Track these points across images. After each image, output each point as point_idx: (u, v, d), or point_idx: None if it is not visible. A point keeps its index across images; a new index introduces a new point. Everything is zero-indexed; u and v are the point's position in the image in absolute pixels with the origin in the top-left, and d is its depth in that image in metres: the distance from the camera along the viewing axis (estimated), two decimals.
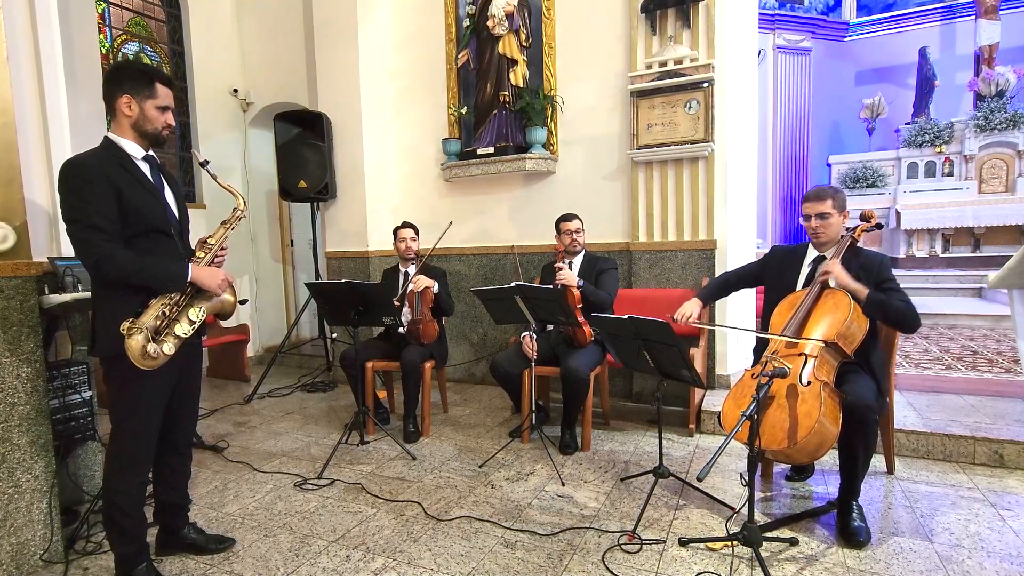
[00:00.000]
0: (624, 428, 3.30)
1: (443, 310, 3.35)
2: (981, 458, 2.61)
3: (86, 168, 1.65)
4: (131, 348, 1.63)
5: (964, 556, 1.88)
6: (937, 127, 8.58)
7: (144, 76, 1.74)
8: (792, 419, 1.92)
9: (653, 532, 2.10)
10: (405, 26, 4.37)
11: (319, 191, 4.31)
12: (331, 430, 3.37)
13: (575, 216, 3.21)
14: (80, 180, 1.63)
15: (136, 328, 1.64)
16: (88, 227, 1.61)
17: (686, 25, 3.34)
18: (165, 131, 1.79)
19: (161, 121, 1.76)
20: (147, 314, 1.67)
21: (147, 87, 1.73)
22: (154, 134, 1.76)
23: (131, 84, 1.72)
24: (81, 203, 1.62)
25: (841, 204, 2.24)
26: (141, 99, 1.72)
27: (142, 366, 1.65)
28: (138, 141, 1.76)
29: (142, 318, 1.67)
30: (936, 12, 9.66)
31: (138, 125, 1.73)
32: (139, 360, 1.64)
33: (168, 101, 1.78)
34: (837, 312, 2.07)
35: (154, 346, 1.65)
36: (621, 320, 2.19)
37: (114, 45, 4.60)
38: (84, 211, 1.62)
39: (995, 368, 3.92)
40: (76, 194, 1.62)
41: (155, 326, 1.67)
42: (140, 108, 1.72)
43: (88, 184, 1.63)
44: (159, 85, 1.75)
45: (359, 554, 2.00)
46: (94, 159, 1.68)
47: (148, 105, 1.73)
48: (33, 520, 1.91)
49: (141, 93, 1.72)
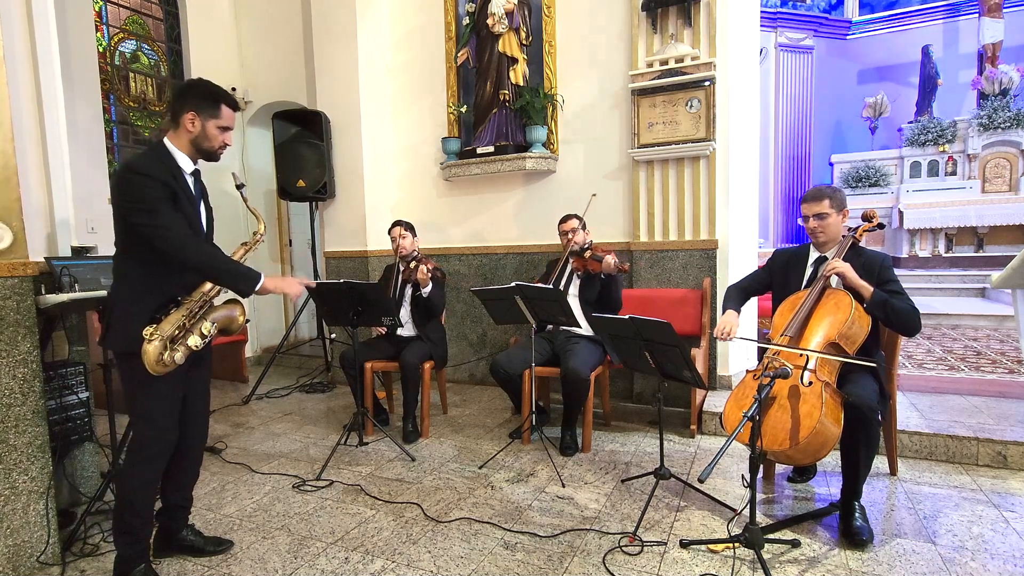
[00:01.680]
0: (625, 429, 3.28)
1: (432, 309, 3.30)
2: (984, 459, 2.59)
3: (143, 171, 1.72)
4: (148, 353, 1.70)
5: (967, 558, 1.87)
6: (940, 126, 8.56)
7: (211, 96, 1.82)
8: (794, 420, 1.91)
9: (654, 534, 2.09)
10: (404, 24, 4.35)
11: (317, 190, 4.30)
12: (330, 431, 3.36)
13: (572, 215, 3.21)
14: (138, 182, 1.70)
15: (157, 336, 1.71)
16: (160, 216, 1.70)
17: (687, 23, 3.32)
18: (220, 150, 1.88)
19: (219, 140, 1.85)
20: (167, 322, 1.74)
21: (212, 107, 1.81)
22: (210, 151, 1.86)
23: (198, 102, 1.80)
24: (143, 200, 1.70)
25: (839, 203, 2.22)
26: (205, 117, 1.81)
27: (153, 372, 1.72)
28: (192, 155, 1.85)
29: (162, 327, 1.73)
30: (939, 10, 9.63)
31: (197, 141, 1.82)
32: (153, 366, 1.71)
33: (230, 123, 1.87)
34: (838, 312, 2.06)
35: (169, 354, 1.73)
36: (622, 320, 2.18)
37: (111, 43, 4.59)
38: (153, 206, 1.70)
39: (999, 369, 3.90)
40: (136, 193, 1.70)
41: (173, 335, 1.75)
42: (203, 125, 1.81)
43: (146, 183, 1.71)
44: (224, 107, 1.83)
45: (358, 556, 1.99)
46: (153, 164, 1.76)
47: (210, 124, 1.82)
48: (30, 522, 1.90)
49: (206, 112, 1.80)
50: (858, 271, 2.13)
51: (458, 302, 4.29)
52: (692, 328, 3.30)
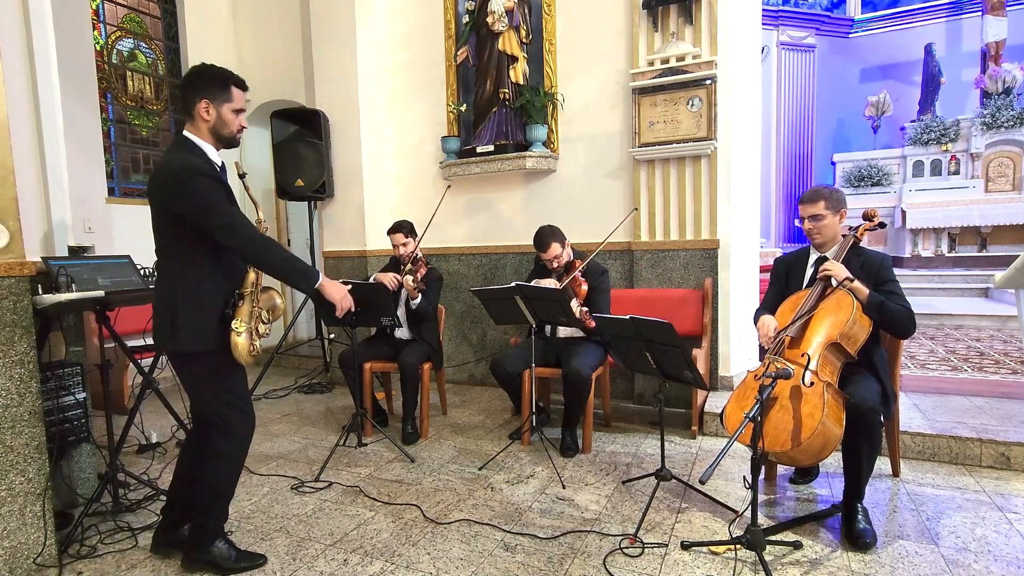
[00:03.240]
0: (626, 430, 3.27)
1: (420, 316, 3.24)
2: (988, 460, 2.58)
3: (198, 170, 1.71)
4: (239, 345, 1.75)
5: (970, 560, 1.86)
6: (943, 125, 8.53)
7: (220, 79, 1.78)
8: (795, 420, 1.90)
9: (655, 535, 2.07)
10: (403, 22, 4.34)
11: (316, 190, 4.29)
12: (329, 432, 3.35)
13: (549, 241, 2.97)
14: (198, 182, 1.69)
15: (243, 327, 1.76)
16: (229, 214, 1.72)
17: (688, 21, 3.31)
18: (239, 134, 1.84)
19: (236, 124, 1.81)
20: (243, 313, 1.78)
21: (223, 91, 1.77)
22: (230, 137, 1.82)
23: (208, 88, 1.77)
24: (213, 201, 1.70)
25: (836, 205, 2.21)
26: (219, 103, 1.77)
27: (245, 362, 1.78)
28: (215, 145, 1.82)
29: (241, 319, 1.76)
30: (942, 8, 9.61)
31: (215, 129, 1.79)
32: (246, 357, 1.77)
33: (242, 103, 1.82)
34: (840, 312, 2.05)
35: (256, 342, 1.80)
36: (623, 320, 2.17)
37: (108, 42, 4.58)
38: (220, 205, 1.70)
39: (1002, 369, 3.88)
40: (205, 194, 1.69)
41: (254, 326, 1.80)
42: (218, 112, 1.78)
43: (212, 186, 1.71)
44: (235, 88, 1.79)
45: (357, 557, 1.98)
46: (202, 162, 1.74)
47: (225, 109, 1.78)
48: (26, 523, 1.89)
49: (218, 97, 1.77)
50: (858, 271, 2.12)
51: (458, 302, 4.28)
52: (693, 328, 3.28)
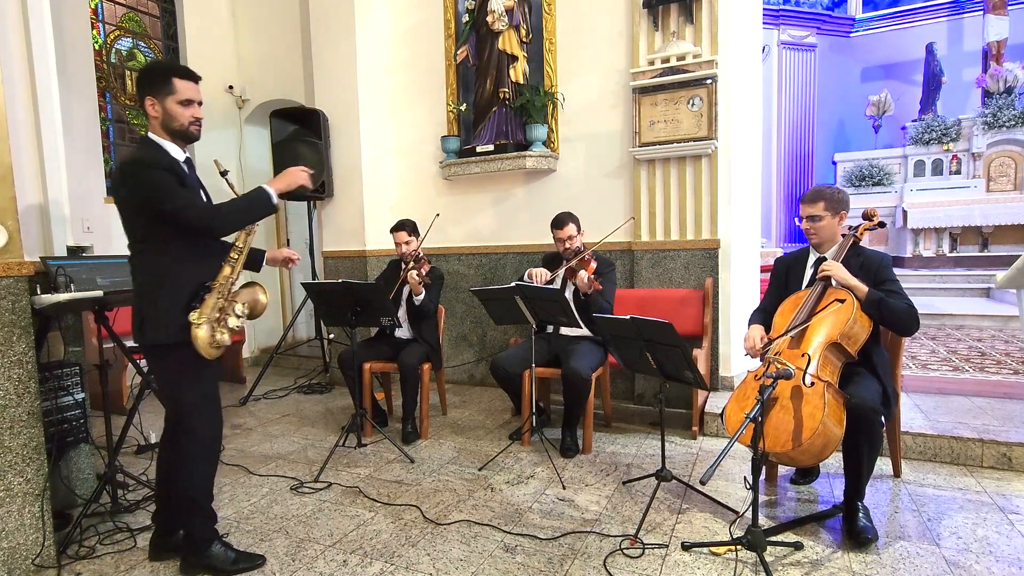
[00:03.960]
0: (626, 430, 3.26)
1: (423, 312, 3.25)
2: (989, 461, 2.57)
3: (149, 162, 1.73)
4: (199, 338, 1.73)
5: (972, 560, 1.85)
6: (944, 124, 8.51)
7: (160, 74, 1.78)
8: (796, 421, 1.90)
9: (655, 536, 2.07)
10: (403, 21, 4.33)
11: (315, 189, 4.27)
12: (328, 432, 3.35)
13: (566, 220, 3.04)
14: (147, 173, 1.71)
15: (204, 319, 1.74)
16: (179, 198, 1.71)
17: (689, 21, 3.30)
18: (193, 127, 1.81)
19: (186, 116, 1.79)
20: (206, 306, 1.77)
21: (165, 85, 1.76)
22: (181, 130, 1.80)
23: (150, 85, 1.77)
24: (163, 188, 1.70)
25: (836, 206, 2.20)
26: (162, 98, 1.77)
27: (207, 355, 1.76)
28: (174, 141, 1.82)
29: (203, 310, 1.75)
30: (943, 7, 9.59)
31: (165, 124, 1.78)
32: (206, 350, 1.75)
33: (190, 94, 1.79)
34: (840, 312, 2.04)
35: (220, 335, 1.77)
36: (623, 321, 2.16)
37: (107, 41, 4.58)
38: (170, 191, 1.71)
39: (1003, 370, 3.86)
40: (148, 182, 1.70)
41: (217, 318, 1.78)
42: (163, 107, 1.77)
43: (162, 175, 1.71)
44: (176, 80, 1.77)
45: (356, 558, 1.97)
46: (150, 154, 1.76)
47: (169, 102, 1.77)
48: (25, 524, 1.89)
49: (160, 92, 1.76)
50: (857, 271, 2.12)
51: (458, 302, 4.27)
52: (694, 328, 3.28)
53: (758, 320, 2.37)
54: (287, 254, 2.20)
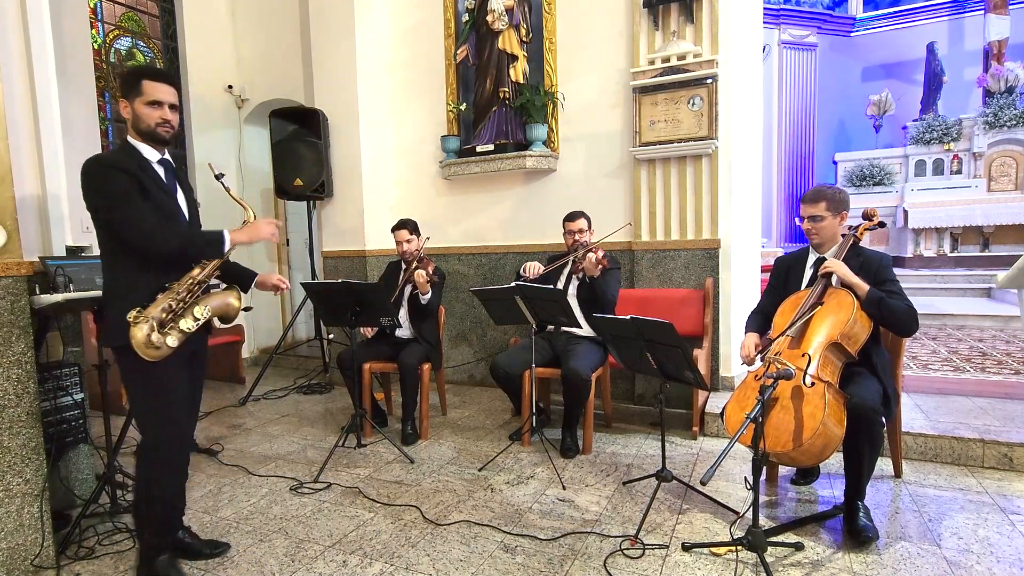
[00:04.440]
0: (626, 431, 3.26)
1: (428, 311, 3.25)
2: (990, 461, 2.57)
3: (108, 163, 1.73)
4: (136, 337, 1.69)
5: (973, 561, 1.85)
6: (945, 124, 8.50)
7: (130, 77, 1.79)
8: (796, 421, 1.89)
9: (656, 537, 2.06)
10: (403, 20, 4.32)
11: (315, 189, 4.28)
12: (328, 433, 3.34)
13: (579, 215, 3.14)
14: (103, 175, 1.71)
15: (143, 318, 1.70)
16: (127, 208, 1.70)
17: (689, 20, 3.29)
18: (161, 128, 1.79)
19: (153, 118, 1.78)
20: (154, 306, 1.73)
21: (134, 87, 1.77)
22: (148, 131, 1.79)
23: (124, 88, 1.80)
24: (110, 193, 1.70)
25: (837, 207, 2.20)
26: (132, 100, 1.78)
27: (145, 356, 1.70)
28: (148, 143, 1.82)
29: (148, 310, 1.72)
30: (944, 7, 9.58)
31: (135, 125, 1.79)
32: (142, 349, 1.69)
33: (158, 95, 1.78)
34: (840, 312, 2.04)
35: (158, 336, 1.71)
36: (623, 321, 2.15)
37: (106, 40, 4.57)
38: (116, 197, 1.69)
39: (1004, 370, 3.85)
40: (101, 187, 1.70)
41: (161, 318, 1.73)
42: (132, 109, 1.78)
43: (112, 175, 1.71)
44: (146, 82, 1.77)
45: (356, 559, 1.97)
46: (114, 155, 1.78)
47: (138, 104, 1.78)
48: (24, 525, 1.88)
49: (131, 94, 1.78)
50: (857, 271, 2.11)
51: (457, 302, 4.26)
52: (694, 329, 3.27)
53: (755, 325, 2.39)
54: (276, 280, 2.17)
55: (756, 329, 2.37)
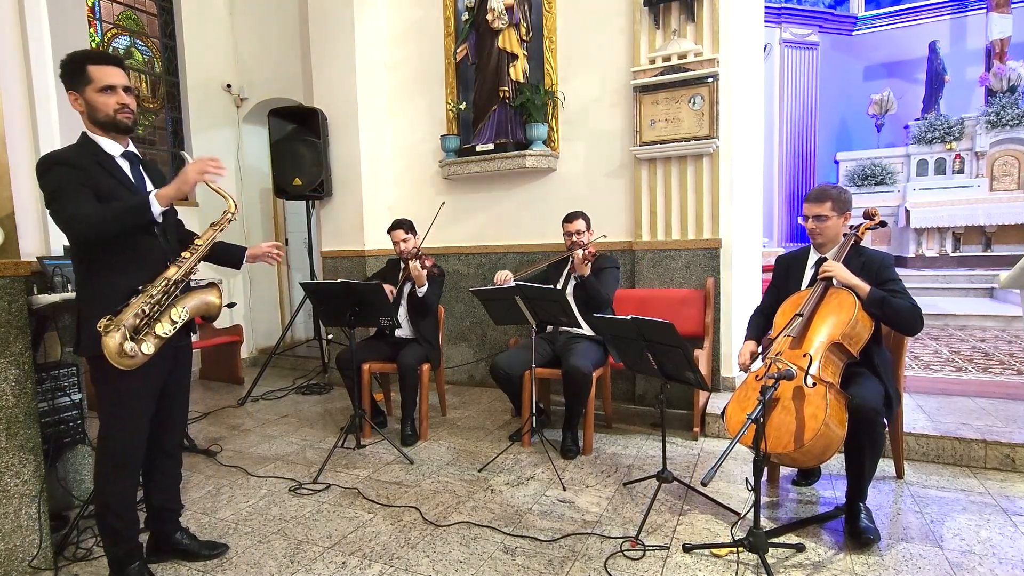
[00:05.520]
0: (627, 431, 3.24)
1: (426, 308, 3.23)
2: (992, 462, 2.55)
3: (54, 159, 1.63)
4: (107, 347, 1.58)
5: (975, 563, 1.84)
6: (947, 123, 8.48)
7: (74, 65, 1.64)
8: (798, 421, 1.88)
9: (656, 538, 2.05)
10: (402, 19, 4.31)
11: (314, 189, 4.27)
12: (327, 433, 3.33)
13: (577, 216, 3.12)
14: (46, 172, 1.61)
15: (113, 326, 1.60)
16: (60, 201, 1.59)
17: (690, 19, 3.28)
18: (121, 115, 1.66)
19: (110, 104, 1.64)
20: (126, 312, 1.62)
21: (80, 75, 1.63)
22: (108, 120, 1.65)
23: (68, 79, 1.65)
24: (50, 190, 1.60)
25: (842, 207, 2.19)
26: (81, 89, 1.64)
27: (119, 365, 1.60)
28: (109, 135, 1.70)
29: (120, 316, 1.62)
30: (946, 5, 9.56)
31: (91, 116, 1.65)
32: (115, 359, 1.59)
33: (110, 79, 1.64)
34: (841, 312, 2.03)
35: (131, 344, 1.60)
36: (624, 321, 2.14)
37: (105, 39, 4.56)
38: (54, 192, 1.59)
39: (1007, 370, 3.84)
40: (45, 185, 1.61)
41: (134, 324, 1.62)
42: (84, 100, 1.64)
43: (52, 171, 1.61)
44: (91, 67, 1.63)
45: (355, 560, 1.96)
46: (67, 152, 1.67)
47: (88, 92, 1.63)
48: (21, 526, 1.88)
49: (79, 83, 1.64)
50: (859, 271, 2.10)
51: (457, 302, 4.25)
52: (695, 329, 3.26)
53: (754, 331, 2.40)
54: (267, 248, 2.04)
55: (755, 335, 2.38)
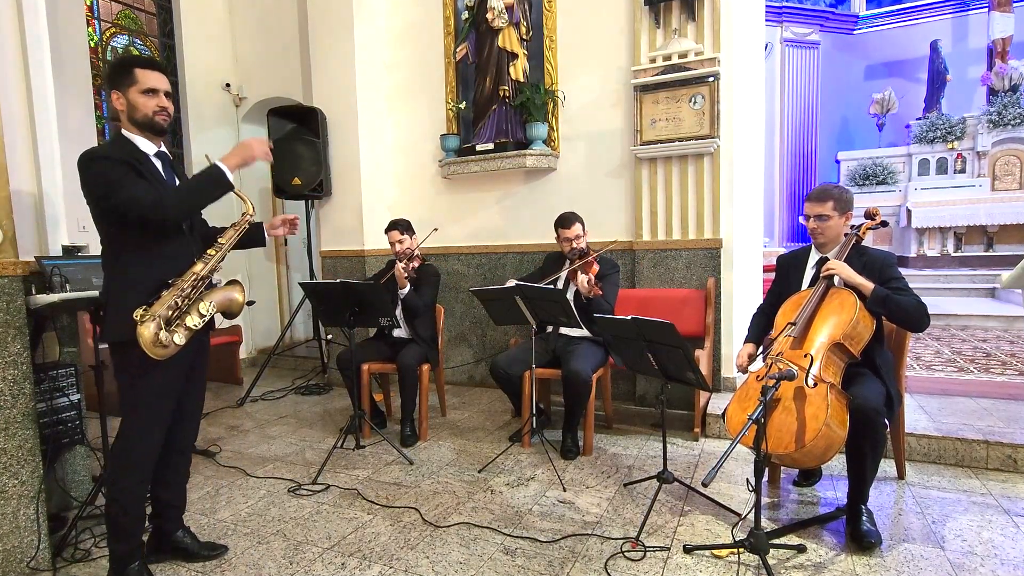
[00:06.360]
0: (627, 432, 3.24)
1: (409, 308, 3.21)
2: (994, 463, 2.54)
3: (102, 154, 1.71)
4: (143, 336, 1.65)
5: (977, 563, 1.83)
6: (949, 123, 8.45)
7: (121, 66, 1.76)
8: (799, 422, 1.87)
9: (657, 539, 2.05)
10: (402, 18, 4.30)
11: (313, 188, 4.26)
12: (326, 434, 3.33)
13: (573, 220, 3.03)
14: (99, 165, 1.68)
15: (149, 316, 1.67)
16: (127, 188, 1.66)
17: (691, 18, 3.27)
18: (159, 116, 1.77)
19: (150, 106, 1.75)
20: (160, 304, 1.71)
21: (126, 76, 1.75)
22: (145, 120, 1.76)
23: (114, 79, 1.76)
24: (110, 180, 1.66)
25: (844, 206, 2.18)
26: (125, 89, 1.74)
27: (153, 355, 1.67)
28: (144, 135, 1.79)
29: (155, 307, 1.70)
30: (948, 4, 9.54)
31: (131, 116, 1.76)
32: (151, 348, 1.67)
33: (153, 83, 1.75)
34: (843, 312, 2.02)
35: (166, 334, 1.69)
36: (624, 321, 2.14)
37: (103, 38, 4.56)
38: (116, 183, 1.66)
39: (1008, 370, 3.83)
40: (99, 176, 1.67)
41: (167, 316, 1.71)
42: (127, 98, 1.75)
43: (107, 164, 1.68)
44: (137, 70, 1.74)
45: (355, 561, 1.96)
46: (108, 147, 1.76)
47: (132, 92, 1.74)
48: (20, 527, 1.87)
49: (123, 84, 1.74)
50: (860, 271, 2.09)
51: (457, 302, 4.25)
52: (696, 329, 3.25)
53: (754, 333, 2.40)
54: (282, 218, 2.16)
55: (755, 337, 2.38)
